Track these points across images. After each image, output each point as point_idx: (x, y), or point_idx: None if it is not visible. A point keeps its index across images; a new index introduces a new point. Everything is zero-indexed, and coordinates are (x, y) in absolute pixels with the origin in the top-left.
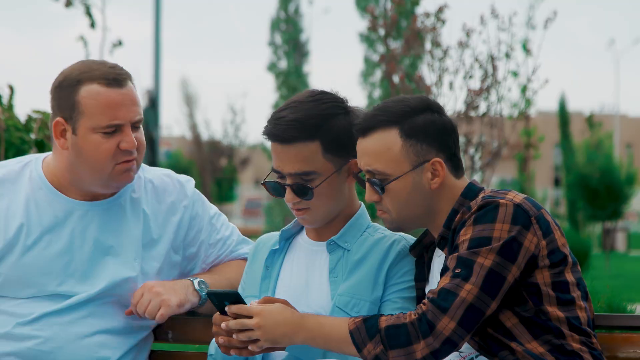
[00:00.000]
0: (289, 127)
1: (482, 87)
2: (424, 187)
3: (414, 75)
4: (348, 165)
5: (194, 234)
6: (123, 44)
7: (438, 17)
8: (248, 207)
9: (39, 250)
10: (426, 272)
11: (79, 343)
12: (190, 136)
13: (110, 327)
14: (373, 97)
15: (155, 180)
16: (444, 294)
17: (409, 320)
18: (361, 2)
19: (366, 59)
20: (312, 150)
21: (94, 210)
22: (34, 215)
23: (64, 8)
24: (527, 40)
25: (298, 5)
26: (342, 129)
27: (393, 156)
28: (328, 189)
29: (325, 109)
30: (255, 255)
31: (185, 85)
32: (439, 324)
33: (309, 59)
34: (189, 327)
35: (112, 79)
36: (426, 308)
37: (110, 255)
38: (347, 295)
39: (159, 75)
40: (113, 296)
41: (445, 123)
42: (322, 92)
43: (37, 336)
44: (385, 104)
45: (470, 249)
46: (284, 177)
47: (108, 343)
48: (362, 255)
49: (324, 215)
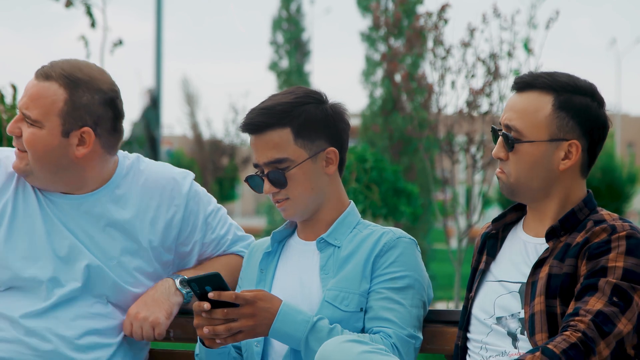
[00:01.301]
0: (257, 115)
1: (484, 86)
2: (552, 163)
3: (416, 74)
4: (324, 153)
5: (188, 233)
6: (123, 44)
7: (440, 16)
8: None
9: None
10: (497, 248)
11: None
12: (192, 135)
13: (100, 327)
14: (374, 96)
15: (148, 176)
16: (603, 318)
17: (577, 340)
18: (362, 1)
19: (367, 58)
20: (283, 137)
21: (71, 204)
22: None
23: (64, 8)
24: (529, 39)
25: (300, 4)
26: (312, 115)
27: (536, 120)
28: (303, 177)
29: (297, 97)
30: (250, 260)
31: (186, 85)
32: (597, 347)
33: (310, 58)
34: (190, 326)
35: (38, 71)
36: (585, 326)
37: (89, 252)
38: (336, 289)
39: (161, 74)
40: (99, 296)
41: (601, 116)
42: (300, 87)
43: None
44: (555, 72)
45: (627, 280)
46: (263, 171)
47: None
48: (351, 251)
49: (304, 205)
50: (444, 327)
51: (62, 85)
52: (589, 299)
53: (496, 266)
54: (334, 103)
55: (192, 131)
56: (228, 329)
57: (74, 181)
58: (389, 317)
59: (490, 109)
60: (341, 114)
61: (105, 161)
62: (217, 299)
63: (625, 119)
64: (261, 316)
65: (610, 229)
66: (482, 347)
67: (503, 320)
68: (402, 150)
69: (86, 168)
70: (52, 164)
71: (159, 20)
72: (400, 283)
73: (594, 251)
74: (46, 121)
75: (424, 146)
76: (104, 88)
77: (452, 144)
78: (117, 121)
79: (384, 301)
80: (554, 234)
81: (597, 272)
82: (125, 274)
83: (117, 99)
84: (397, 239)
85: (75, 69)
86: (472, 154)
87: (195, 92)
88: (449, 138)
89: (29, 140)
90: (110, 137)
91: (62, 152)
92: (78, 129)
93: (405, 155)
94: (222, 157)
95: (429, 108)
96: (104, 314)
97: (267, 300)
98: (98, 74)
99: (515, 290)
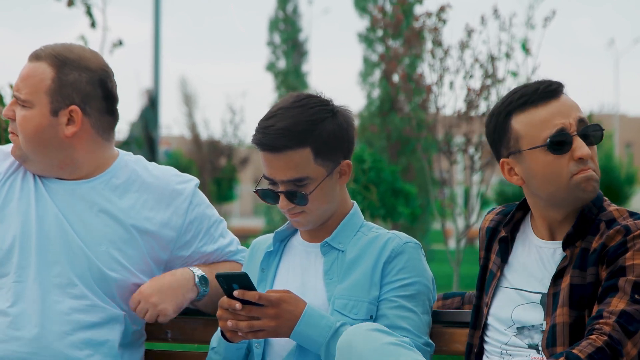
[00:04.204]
0: (277, 136)
1: (482, 86)
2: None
3: (414, 75)
4: (339, 167)
5: (189, 238)
6: (123, 44)
7: (439, 17)
8: None
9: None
10: (509, 252)
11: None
12: (190, 136)
13: (91, 322)
14: (372, 96)
15: (151, 173)
16: (627, 317)
17: (603, 343)
18: (360, 2)
19: (365, 58)
20: (304, 156)
21: (66, 189)
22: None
23: (66, 7)
24: (527, 40)
25: (296, 5)
26: (331, 133)
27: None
28: (321, 193)
29: (313, 114)
30: (251, 258)
31: (184, 85)
32: (624, 348)
33: (307, 59)
34: (188, 327)
35: (31, 54)
36: (610, 329)
37: (78, 237)
38: (345, 297)
39: (159, 75)
40: (84, 283)
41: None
42: (308, 96)
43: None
44: None
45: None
46: (276, 184)
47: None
48: (356, 255)
49: (317, 217)
50: (453, 329)
51: (50, 64)
52: (611, 300)
53: (510, 271)
54: (343, 112)
55: (190, 132)
56: (250, 326)
57: (66, 163)
58: (405, 325)
59: (489, 109)
60: (352, 123)
61: (97, 144)
62: (241, 297)
63: (624, 119)
64: (284, 318)
65: (624, 230)
66: (503, 352)
67: (525, 331)
68: (400, 151)
69: (77, 148)
70: (42, 145)
71: (157, 20)
72: (411, 290)
73: (612, 255)
74: (35, 100)
75: (422, 147)
76: (93, 67)
77: (450, 144)
78: (108, 102)
79: (398, 309)
80: (571, 240)
81: (616, 273)
82: (113, 262)
83: (108, 80)
84: (404, 244)
85: (66, 50)
86: (470, 155)
87: (193, 92)
88: (447, 139)
89: (20, 122)
90: (101, 117)
91: (52, 131)
92: (66, 107)
93: (403, 156)
94: (220, 158)
95: (427, 109)
96: (87, 307)
97: (292, 303)
98: (89, 55)
99: (536, 302)
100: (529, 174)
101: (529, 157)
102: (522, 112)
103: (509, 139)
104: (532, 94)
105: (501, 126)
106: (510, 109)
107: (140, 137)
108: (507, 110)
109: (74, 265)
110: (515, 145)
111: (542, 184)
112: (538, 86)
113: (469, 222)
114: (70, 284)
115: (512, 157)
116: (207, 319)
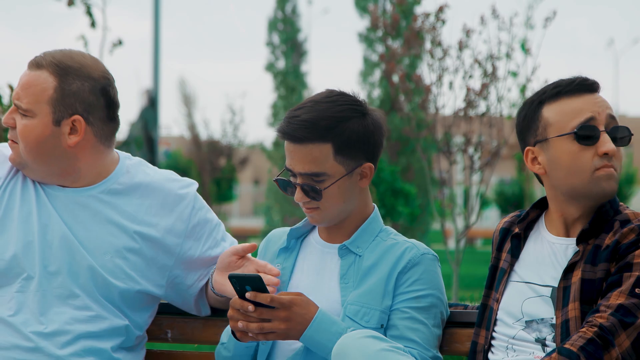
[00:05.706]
0: (300, 127)
1: (481, 86)
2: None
3: (414, 75)
4: (360, 169)
5: (192, 244)
6: (123, 44)
7: (438, 17)
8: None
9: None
10: (521, 248)
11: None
12: (189, 136)
13: (94, 332)
14: (372, 96)
15: (153, 178)
16: (624, 310)
17: (593, 334)
18: (360, 2)
19: (365, 58)
20: (323, 151)
21: (68, 197)
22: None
23: (67, 7)
24: (526, 40)
25: (295, 5)
26: (355, 132)
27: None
28: (337, 191)
29: (340, 111)
30: (266, 251)
31: (183, 85)
32: (616, 339)
33: (307, 59)
34: (188, 327)
35: (31, 61)
36: (603, 320)
37: (80, 245)
38: (357, 304)
39: (158, 75)
40: (87, 292)
41: None
42: (341, 93)
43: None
44: None
45: None
46: (296, 175)
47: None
48: (373, 262)
49: (333, 215)
50: (454, 329)
51: (52, 73)
52: (611, 294)
53: (520, 266)
54: (374, 116)
55: (190, 132)
56: (260, 328)
57: (68, 172)
58: (414, 337)
59: (488, 110)
60: (381, 128)
61: (99, 152)
62: (253, 299)
63: (623, 120)
64: (295, 321)
65: (637, 229)
66: (509, 347)
67: (533, 324)
68: (400, 151)
69: (79, 157)
70: (44, 154)
71: (156, 20)
72: (424, 302)
73: (623, 252)
74: (37, 110)
75: (422, 147)
76: (95, 76)
77: (450, 144)
78: (110, 110)
79: (409, 321)
80: (585, 237)
81: (622, 268)
82: (118, 271)
83: (110, 87)
84: (421, 255)
85: (67, 57)
86: (469, 155)
87: (192, 92)
88: (446, 139)
89: (22, 131)
90: (103, 126)
91: (54, 141)
92: (69, 117)
93: (403, 156)
94: (220, 158)
95: (426, 109)
96: (90, 318)
97: (304, 306)
98: (90, 62)
99: (546, 295)
100: (552, 164)
101: (554, 145)
102: (554, 101)
103: (537, 127)
104: (567, 85)
105: (532, 114)
106: (543, 98)
107: (140, 137)
108: (540, 99)
109: (76, 276)
110: (542, 133)
111: (564, 175)
112: (574, 79)
113: (468, 222)
114: (72, 295)
115: (537, 146)
116: (207, 319)
